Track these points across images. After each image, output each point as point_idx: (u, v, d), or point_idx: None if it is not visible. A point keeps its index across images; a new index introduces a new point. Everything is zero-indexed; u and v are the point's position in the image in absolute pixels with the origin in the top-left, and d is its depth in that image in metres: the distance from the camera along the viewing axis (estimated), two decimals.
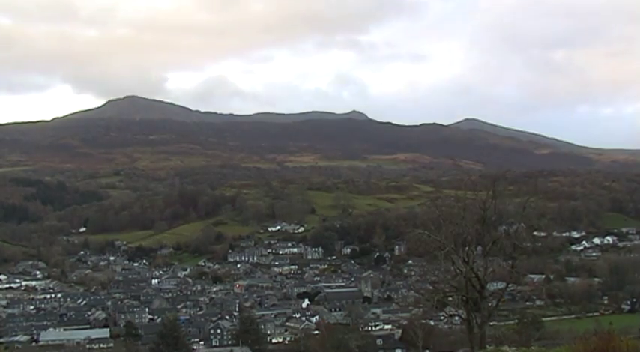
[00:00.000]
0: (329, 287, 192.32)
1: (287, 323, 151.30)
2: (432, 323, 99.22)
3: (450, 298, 32.92)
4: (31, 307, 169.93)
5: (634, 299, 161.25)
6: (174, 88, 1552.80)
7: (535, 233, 40.58)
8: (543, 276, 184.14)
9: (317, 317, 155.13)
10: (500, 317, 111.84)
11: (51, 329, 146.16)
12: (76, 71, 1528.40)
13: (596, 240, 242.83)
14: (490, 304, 31.36)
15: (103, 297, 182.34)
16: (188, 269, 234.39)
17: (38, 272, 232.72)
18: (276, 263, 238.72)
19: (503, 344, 51.04)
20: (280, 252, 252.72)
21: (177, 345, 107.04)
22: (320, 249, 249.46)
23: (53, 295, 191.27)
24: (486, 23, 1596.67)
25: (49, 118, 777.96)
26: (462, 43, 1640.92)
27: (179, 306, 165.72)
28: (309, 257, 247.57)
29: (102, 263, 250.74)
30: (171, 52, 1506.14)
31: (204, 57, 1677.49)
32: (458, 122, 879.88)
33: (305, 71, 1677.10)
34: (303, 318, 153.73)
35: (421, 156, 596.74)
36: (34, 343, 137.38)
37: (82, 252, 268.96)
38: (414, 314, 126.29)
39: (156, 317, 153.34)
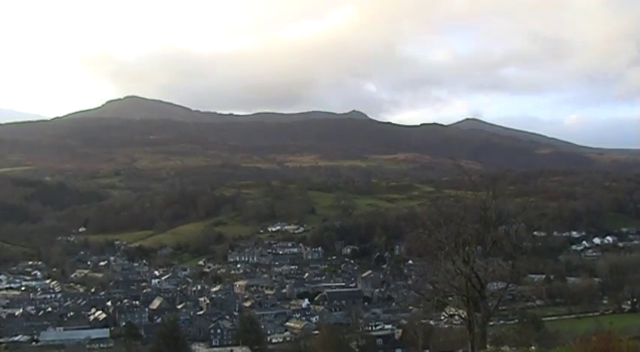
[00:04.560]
0: (329, 287, 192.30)
1: (287, 323, 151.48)
2: (432, 323, 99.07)
3: (450, 298, 32.89)
4: (31, 307, 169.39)
5: (634, 299, 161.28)
6: None
7: (535, 233, 40.55)
8: (543, 276, 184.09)
9: (317, 317, 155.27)
10: (501, 317, 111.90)
11: (51, 329, 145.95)
12: None
13: (597, 240, 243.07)
14: (490, 304, 31.30)
15: (103, 297, 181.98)
16: (188, 270, 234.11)
17: (38, 273, 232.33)
18: (276, 263, 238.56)
19: (503, 344, 51.07)
20: (280, 252, 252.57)
21: (178, 345, 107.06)
22: (320, 249, 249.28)
23: (53, 295, 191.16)
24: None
25: (49, 118, 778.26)
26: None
27: (179, 306, 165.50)
28: (309, 257, 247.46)
29: (102, 263, 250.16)
30: None
31: None
32: (458, 122, 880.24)
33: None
34: (303, 318, 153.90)
35: (421, 156, 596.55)
36: (34, 343, 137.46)
37: (82, 252, 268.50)
38: (414, 314, 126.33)
39: (156, 317, 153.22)
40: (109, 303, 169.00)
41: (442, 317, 66.27)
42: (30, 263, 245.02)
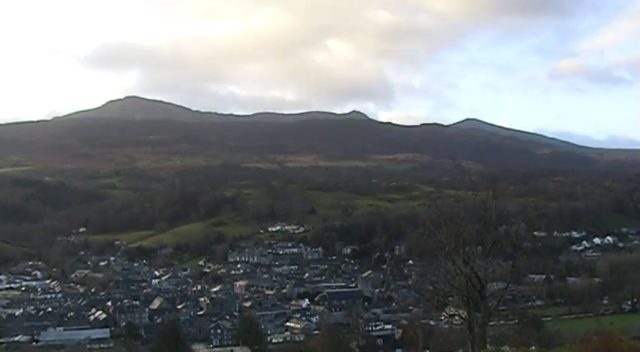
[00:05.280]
0: (329, 287, 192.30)
1: (287, 324, 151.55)
2: (432, 323, 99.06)
3: (451, 298, 32.88)
4: (31, 307, 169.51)
5: (634, 299, 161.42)
6: None
7: (535, 233, 40.62)
8: (544, 276, 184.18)
9: (317, 317, 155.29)
10: (501, 317, 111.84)
11: (51, 329, 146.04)
12: None
13: (597, 240, 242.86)
14: (490, 304, 31.29)
15: (103, 297, 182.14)
16: (188, 270, 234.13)
17: (38, 273, 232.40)
18: (277, 263, 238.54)
19: (503, 344, 51.07)
20: (280, 252, 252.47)
21: (178, 345, 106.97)
22: (320, 249, 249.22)
23: (53, 295, 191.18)
24: None
25: (49, 118, 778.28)
26: None
27: (179, 306, 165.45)
28: (310, 257, 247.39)
29: (102, 263, 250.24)
30: None
31: None
32: (458, 122, 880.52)
33: None
34: (303, 318, 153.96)
35: (421, 156, 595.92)
36: (34, 343, 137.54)
37: (82, 252, 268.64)
38: (414, 314, 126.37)
39: (156, 317, 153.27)
40: (109, 303, 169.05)
41: (442, 317, 66.34)
42: (30, 263, 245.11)
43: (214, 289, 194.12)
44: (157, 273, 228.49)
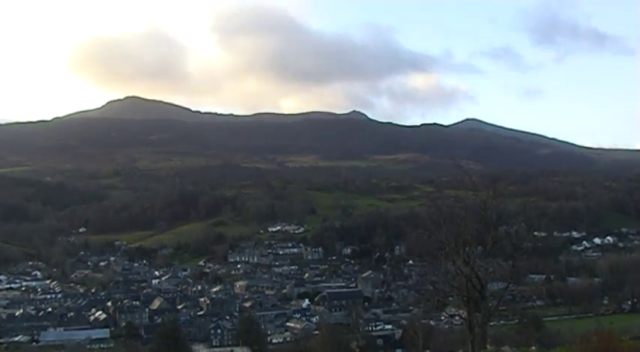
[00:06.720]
0: (329, 287, 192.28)
1: (287, 324, 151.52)
2: (432, 323, 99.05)
3: (451, 298, 32.88)
4: (31, 307, 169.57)
5: (634, 299, 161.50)
6: None
7: (535, 233, 40.70)
8: (544, 276, 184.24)
9: (317, 317, 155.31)
10: (501, 317, 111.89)
11: (51, 329, 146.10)
12: None
13: (597, 240, 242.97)
14: (491, 304, 31.27)
15: (103, 297, 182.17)
16: (188, 270, 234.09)
17: (38, 273, 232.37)
18: (277, 263, 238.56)
19: (503, 344, 51.12)
20: (280, 253, 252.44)
21: (178, 346, 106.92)
22: (320, 250, 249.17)
23: (53, 295, 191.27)
24: None
25: (49, 118, 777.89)
26: None
27: (179, 307, 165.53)
28: (310, 257, 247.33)
29: (102, 263, 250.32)
30: None
31: None
32: (458, 122, 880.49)
33: None
34: (304, 318, 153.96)
35: (421, 156, 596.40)
36: (34, 343, 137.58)
37: (82, 253, 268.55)
38: (415, 314, 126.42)
39: (156, 317, 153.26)
40: (109, 303, 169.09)
41: (442, 318, 66.44)
42: (30, 263, 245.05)
43: (214, 289, 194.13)
44: (157, 273, 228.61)
